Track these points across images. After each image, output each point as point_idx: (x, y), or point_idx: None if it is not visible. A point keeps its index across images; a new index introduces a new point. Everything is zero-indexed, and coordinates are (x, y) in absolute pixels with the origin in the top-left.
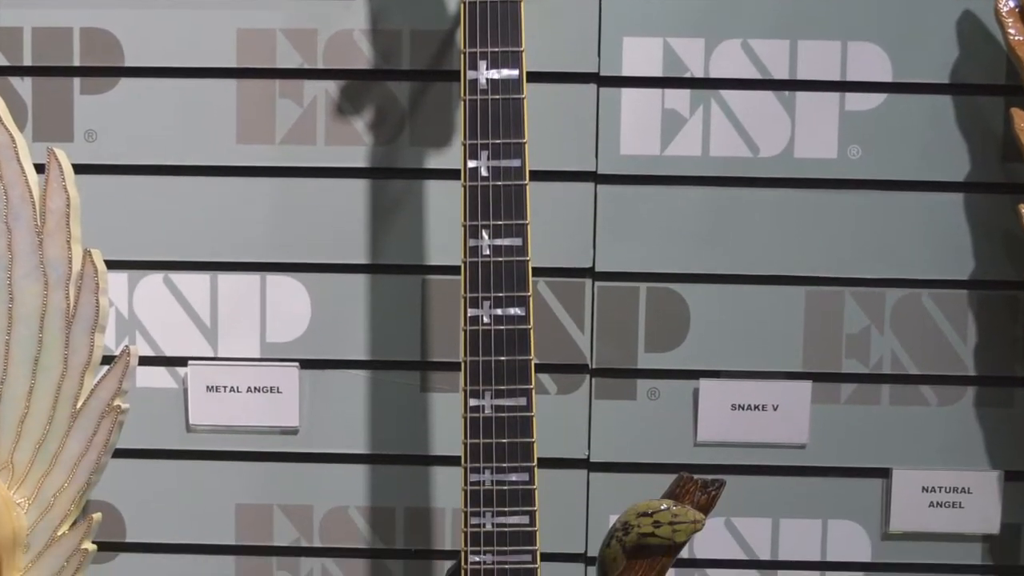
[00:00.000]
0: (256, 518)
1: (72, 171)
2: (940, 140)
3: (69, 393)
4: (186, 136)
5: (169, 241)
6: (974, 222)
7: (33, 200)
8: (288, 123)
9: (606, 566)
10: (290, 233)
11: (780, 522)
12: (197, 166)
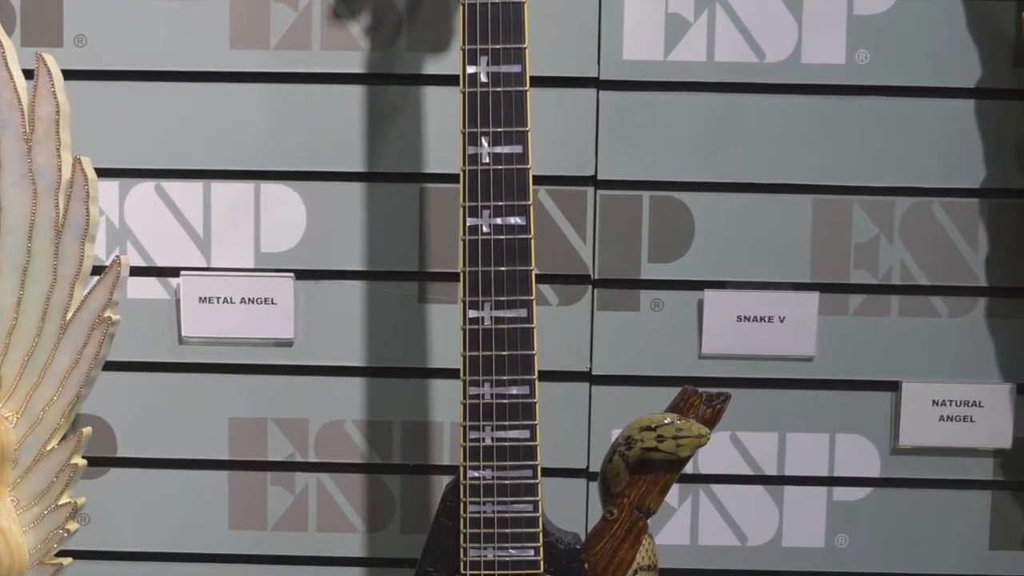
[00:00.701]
0: (250, 432)
1: (62, 77)
2: (951, 45)
3: (58, 304)
4: (178, 41)
5: (161, 149)
6: (985, 129)
7: (22, 107)
8: (283, 28)
9: (608, 481)
10: (285, 140)
11: (787, 436)
12: (189, 72)
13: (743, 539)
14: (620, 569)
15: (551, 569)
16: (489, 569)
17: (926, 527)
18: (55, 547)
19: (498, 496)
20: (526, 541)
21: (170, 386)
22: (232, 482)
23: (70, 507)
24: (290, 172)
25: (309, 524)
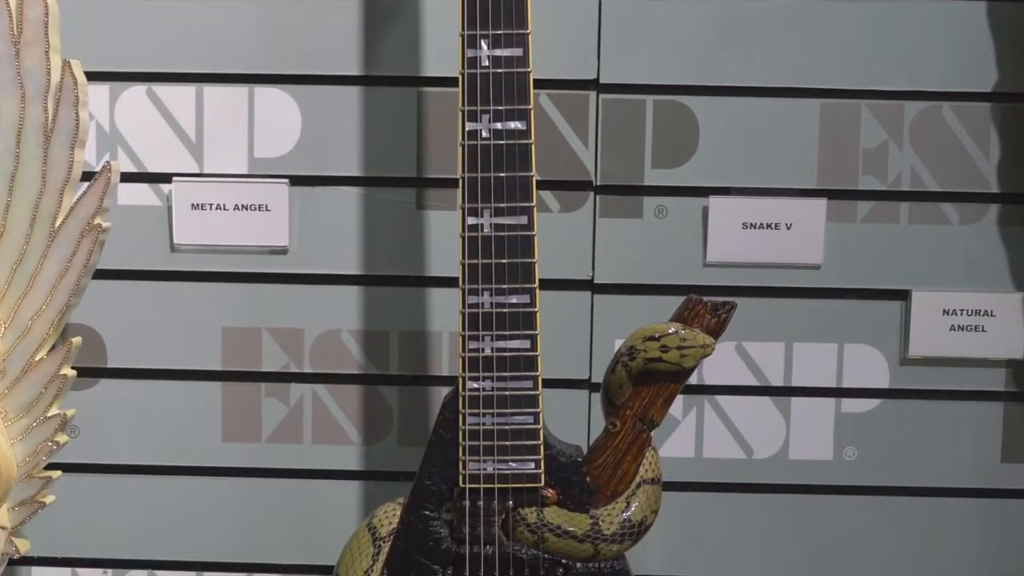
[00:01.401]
0: (243, 342)
1: None
2: None
3: (47, 211)
4: None
5: (152, 51)
6: (997, 31)
7: (9, 9)
8: None
9: (611, 393)
10: (279, 43)
11: (793, 346)
12: None
13: (749, 452)
14: (623, 482)
15: (552, 482)
16: (489, 482)
17: (936, 439)
18: (44, 460)
19: (498, 408)
20: (526, 454)
21: (162, 295)
22: (225, 393)
23: (59, 419)
24: (285, 76)
25: (304, 436)
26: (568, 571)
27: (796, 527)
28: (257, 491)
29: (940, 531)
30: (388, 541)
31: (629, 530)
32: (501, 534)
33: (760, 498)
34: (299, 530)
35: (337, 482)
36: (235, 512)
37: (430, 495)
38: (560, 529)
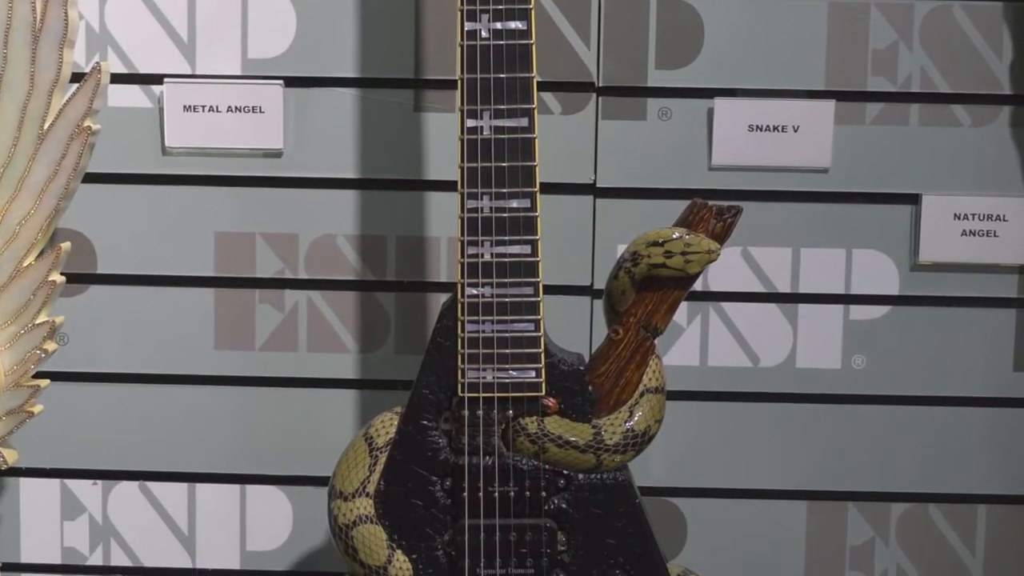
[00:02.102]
0: (237, 247)
1: None
2: None
3: (36, 113)
4: None
5: None
6: None
7: None
8: None
9: (613, 299)
10: None
11: (801, 251)
12: None
13: (755, 360)
14: (626, 391)
15: (553, 391)
16: (488, 391)
17: (947, 347)
18: (32, 368)
19: (498, 315)
20: (527, 362)
21: (153, 199)
22: (218, 300)
23: (48, 326)
24: None
25: (299, 344)
26: (570, 482)
27: (803, 437)
28: (250, 400)
29: (951, 441)
30: (385, 451)
31: (632, 440)
32: (501, 444)
33: (766, 407)
34: (294, 440)
35: (333, 391)
36: (228, 422)
37: (428, 404)
38: (561, 439)
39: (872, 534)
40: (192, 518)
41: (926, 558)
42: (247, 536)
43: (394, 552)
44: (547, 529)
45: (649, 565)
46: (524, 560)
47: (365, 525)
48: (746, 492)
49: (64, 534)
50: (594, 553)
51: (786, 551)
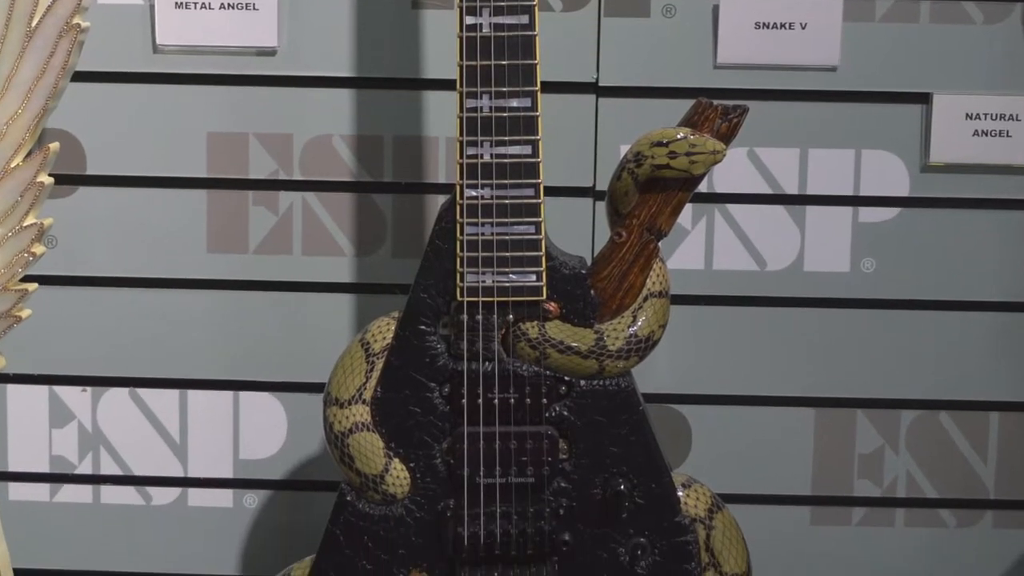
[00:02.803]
0: (230, 148)
1: None
2: None
3: (23, 10)
4: None
5: None
6: None
7: None
8: None
9: (616, 201)
10: None
11: (809, 152)
12: None
13: (762, 263)
14: (629, 295)
15: (554, 295)
16: (488, 295)
17: (958, 250)
18: (20, 272)
19: (497, 217)
20: (527, 265)
21: (144, 98)
22: (210, 202)
23: (36, 228)
24: None
25: (294, 247)
26: (571, 388)
27: (811, 342)
28: (244, 305)
29: (962, 346)
30: (382, 357)
31: (635, 346)
32: (501, 350)
33: (773, 312)
34: (288, 346)
35: (328, 295)
36: (220, 327)
37: (426, 309)
38: (563, 344)
39: (881, 442)
40: (184, 425)
41: (937, 466)
42: (240, 444)
43: (391, 460)
44: (548, 437)
45: (653, 474)
46: (524, 468)
47: (361, 433)
48: (752, 399)
49: (53, 442)
50: (596, 461)
51: (793, 460)
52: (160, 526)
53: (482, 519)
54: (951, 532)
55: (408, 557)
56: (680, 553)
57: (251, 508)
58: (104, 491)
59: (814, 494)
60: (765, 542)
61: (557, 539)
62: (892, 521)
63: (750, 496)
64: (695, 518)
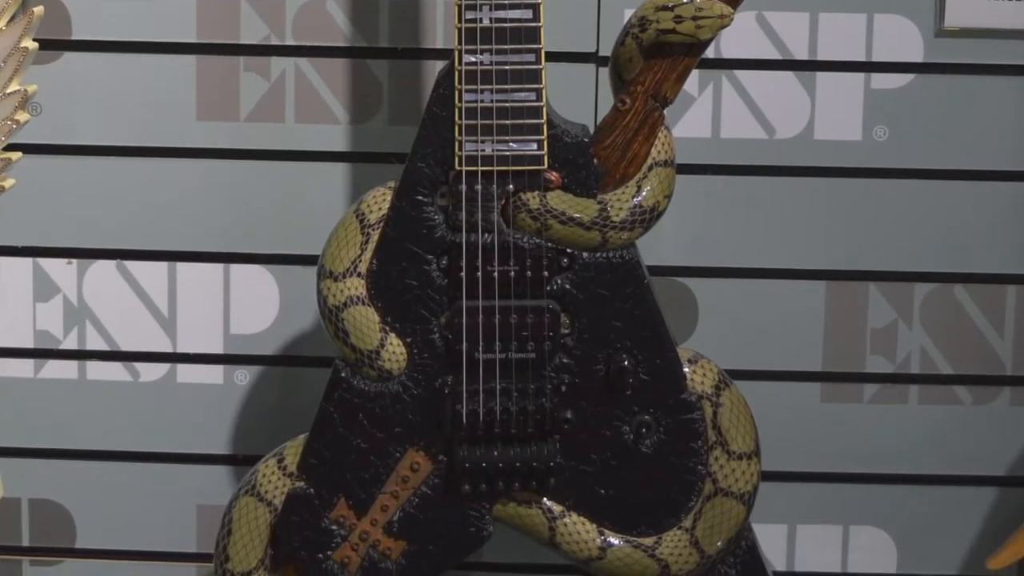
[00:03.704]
0: (220, 12)
1: None
2: None
3: None
4: None
5: None
6: None
7: None
8: None
9: (620, 67)
10: None
11: (819, 16)
12: None
13: (770, 131)
14: (633, 164)
15: (556, 164)
16: (487, 164)
17: (974, 118)
18: (3, 140)
19: (497, 83)
20: (528, 133)
21: None
22: (200, 68)
23: (20, 95)
24: None
25: (286, 114)
26: (573, 261)
27: (822, 213)
28: (235, 174)
29: (977, 216)
30: (378, 228)
31: (640, 216)
32: (500, 221)
33: (782, 182)
34: (281, 217)
35: (322, 164)
36: (211, 197)
37: (423, 178)
38: (565, 215)
39: (894, 316)
40: (172, 299)
41: (952, 341)
42: (231, 318)
43: (387, 335)
44: (549, 311)
45: (658, 349)
46: (525, 344)
47: (356, 307)
48: (761, 272)
49: (37, 316)
50: (599, 336)
51: (803, 334)
52: (148, 403)
53: (481, 396)
54: (966, 410)
55: (405, 435)
56: (686, 431)
57: (242, 385)
58: (90, 367)
59: (825, 370)
60: (774, 420)
61: (559, 417)
62: (905, 398)
63: (758, 372)
64: (701, 395)
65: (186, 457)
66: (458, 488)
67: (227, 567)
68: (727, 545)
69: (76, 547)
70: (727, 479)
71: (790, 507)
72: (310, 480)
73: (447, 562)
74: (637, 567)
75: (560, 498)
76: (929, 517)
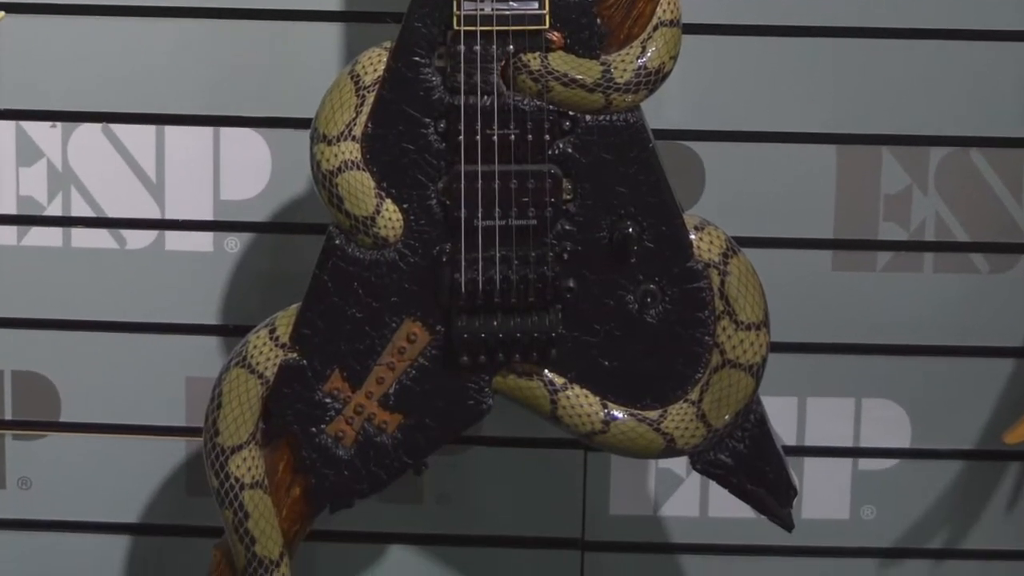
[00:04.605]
0: None
1: None
2: None
3: None
4: None
5: None
6: None
7: None
8: None
9: None
10: None
11: None
12: None
13: None
14: (638, 24)
15: (558, 24)
16: (487, 24)
17: None
18: None
19: None
20: None
21: None
22: None
23: None
24: None
25: None
26: (576, 124)
27: (832, 74)
28: (226, 33)
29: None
30: (373, 90)
31: (645, 78)
32: (500, 83)
33: (792, 41)
34: (273, 78)
35: (316, 24)
36: (200, 58)
37: (420, 38)
38: (567, 77)
39: (909, 182)
40: (160, 164)
41: (968, 207)
42: (221, 184)
43: (383, 201)
44: (551, 176)
45: (663, 215)
46: (525, 210)
47: (351, 171)
48: (770, 136)
49: (20, 182)
50: (602, 202)
51: (814, 201)
52: (135, 271)
53: (480, 264)
54: (983, 278)
55: (401, 305)
56: (692, 300)
57: (232, 253)
58: (75, 234)
59: (836, 237)
60: (783, 289)
61: (560, 286)
62: (920, 266)
63: (767, 240)
64: (708, 263)
65: (175, 328)
66: (456, 360)
67: (217, 441)
68: (735, 419)
69: (60, 420)
70: (735, 350)
71: (800, 379)
72: (303, 351)
73: (445, 436)
74: (641, 441)
75: (562, 370)
76: (944, 390)
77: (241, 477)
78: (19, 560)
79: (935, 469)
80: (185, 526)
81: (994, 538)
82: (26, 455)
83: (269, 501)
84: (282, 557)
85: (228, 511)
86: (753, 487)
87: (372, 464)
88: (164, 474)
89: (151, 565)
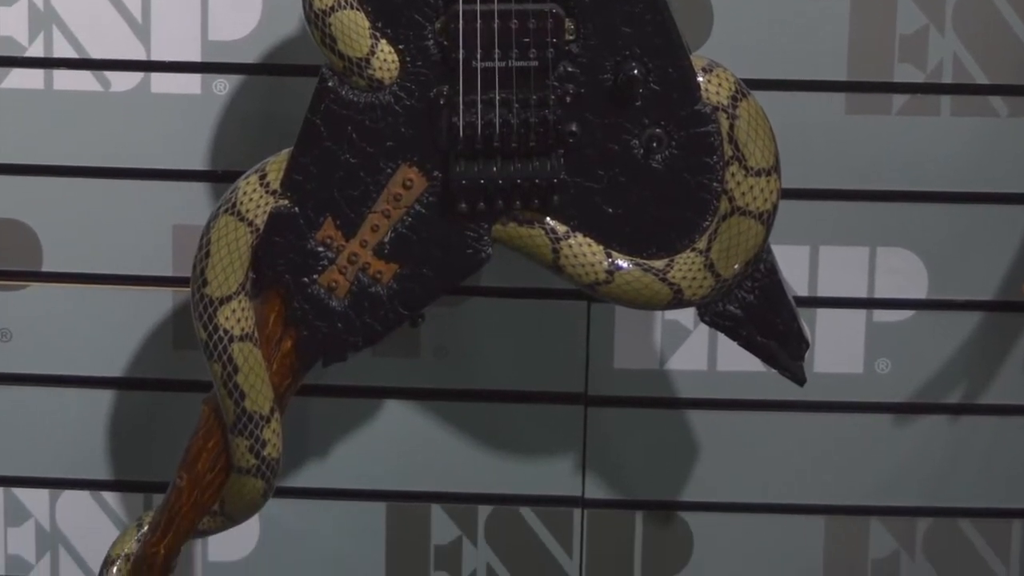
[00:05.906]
0: None
1: None
2: None
3: None
4: None
5: None
6: None
7: None
8: None
9: None
10: None
11: None
12: None
13: None
14: None
15: None
16: None
17: None
18: None
19: None
20: None
21: None
22: None
23: None
24: None
25: None
26: None
27: None
28: None
29: None
30: None
31: None
32: None
33: None
34: None
35: None
36: None
37: None
38: None
39: (925, 21)
40: (147, 2)
41: (987, 47)
42: (209, 22)
43: (378, 42)
44: (552, 15)
45: (670, 56)
46: (526, 51)
47: (344, 11)
48: None
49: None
50: (606, 42)
51: (826, 40)
52: (120, 114)
53: (479, 107)
54: (1002, 122)
55: (397, 150)
56: (700, 145)
57: (221, 95)
58: (57, 76)
59: (850, 79)
60: (795, 133)
61: (563, 129)
62: (937, 109)
63: (778, 82)
64: (717, 106)
65: (161, 173)
66: (454, 206)
67: (205, 291)
68: (744, 268)
69: (42, 270)
70: (744, 197)
71: (813, 227)
72: (295, 198)
73: (442, 286)
74: (647, 291)
75: (564, 218)
76: (961, 238)
77: (230, 329)
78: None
79: (952, 321)
80: (172, 380)
81: (1013, 393)
82: (6, 306)
83: (259, 354)
84: (272, 412)
85: (216, 364)
86: (763, 339)
87: (366, 316)
88: (150, 326)
89: (137, 420)
